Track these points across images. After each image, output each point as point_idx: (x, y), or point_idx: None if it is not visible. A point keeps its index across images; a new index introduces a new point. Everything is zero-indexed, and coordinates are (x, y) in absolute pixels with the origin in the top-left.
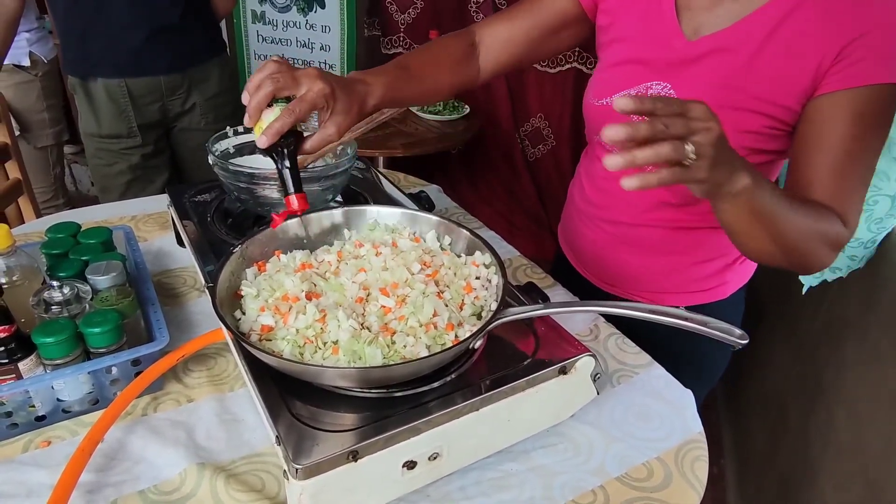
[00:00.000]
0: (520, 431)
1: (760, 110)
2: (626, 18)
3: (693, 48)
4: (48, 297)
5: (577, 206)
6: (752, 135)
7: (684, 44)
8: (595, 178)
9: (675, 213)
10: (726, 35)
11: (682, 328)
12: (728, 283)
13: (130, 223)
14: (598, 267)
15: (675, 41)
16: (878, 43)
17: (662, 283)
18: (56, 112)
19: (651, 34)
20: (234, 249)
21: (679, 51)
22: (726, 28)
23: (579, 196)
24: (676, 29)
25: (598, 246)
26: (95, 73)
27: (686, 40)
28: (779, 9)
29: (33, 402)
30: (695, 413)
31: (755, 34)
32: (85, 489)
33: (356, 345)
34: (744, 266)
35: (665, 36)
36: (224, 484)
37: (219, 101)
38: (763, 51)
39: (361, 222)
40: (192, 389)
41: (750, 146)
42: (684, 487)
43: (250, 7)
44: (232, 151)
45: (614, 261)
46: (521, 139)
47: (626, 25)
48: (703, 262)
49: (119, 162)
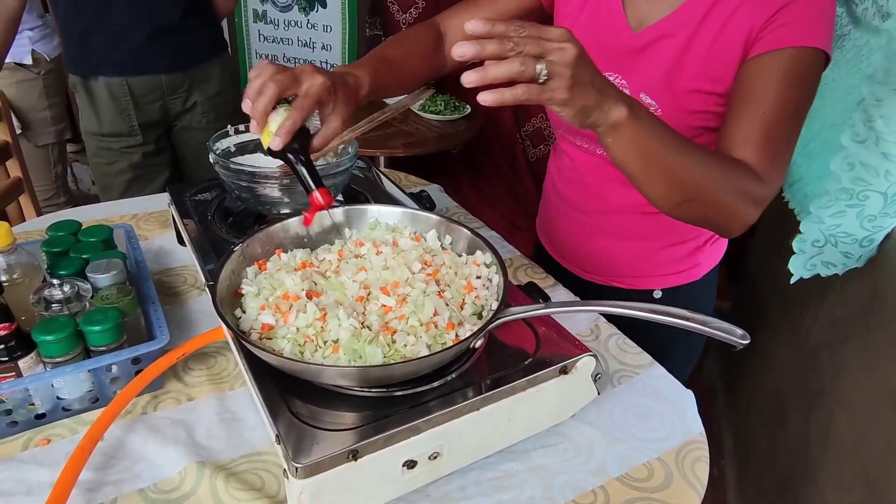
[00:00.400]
0: (520, 431)
1: (705, 89)
2: (577, 13)
3: (638, 39)
4: (48, 295)
5: (551, 200)
6: (701, 114)
7: (630, 35)
8: (563, 170)
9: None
10: (667, 22)
11: (683, 328)
12: (701, 265)
13: (131, 222)
14: (576, 255)
15: (622, 34)
16: (801, 9)
17: (637, 267)
18: (58, 110)
19: (600, 28)
20: (235, 248)
21: (626, 42)
22: (667, 16)
23: (552, 190)
24: (623, 22)
25: (573, 235)
26: (96, 71)
27: (632, 32)
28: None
29: (33, 400)
30: (695, 414)
31: (693, 17)
32: (85, 487)
33: (356, 343)
34: (714, 247)
35: (613, 30)
36: (224, 483)
37: (220, 100)
38: (700, 31)
39: (362, 221)
40: (192, 388)
41: (701, 125)
42: (685, 488)
43: (252, 6)
44: (233, 150)
45: (590, 248)
46: (523, 139)
47: (578, 20)
48: (675, 245)
49: (120, 160)
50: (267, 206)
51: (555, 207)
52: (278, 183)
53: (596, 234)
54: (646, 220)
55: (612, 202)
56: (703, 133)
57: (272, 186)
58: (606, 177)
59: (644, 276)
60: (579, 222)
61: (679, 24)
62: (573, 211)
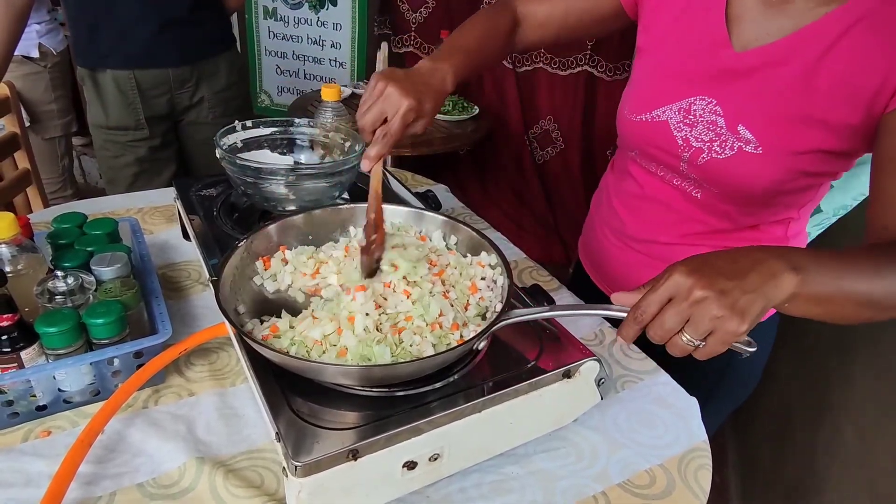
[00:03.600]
0: (522, 434)
1: (815, 126)
2: (670, 23)
3: (741, 61)
4: (52, 287)
5: (604, 222)
6: (808, 155)
7: (731, 55)
8: (625, 195)
9: (726, 238)
10: (778, 48)
11: None
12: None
13: (137, 215)
14: (623, 286)
15: (721, 51)
16: None
17: None
18: (64, 103)
19: (695, 43)
20: (240, 243)
21: (725, 61)
22: (779, 40)
23: (607, 212)
24: (725, 39)
25: (624, 265)
26: (105, 64)
27: (733, 51)
28: (837, 24)
29: (34, 392)
30: (699, 422)
31: (812, 47)
32: (84, 480)
33: (365, 348)
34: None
35: (711, 46)
36: (223, 479)
37: (227, 95)
38: (820, 66)
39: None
40: (193, 383)
41: (799, 168)
42: (687, 495)
43: (262, 3)
44: (239, 146)
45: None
46: (530, 141)
47: (670, 30)
48: None
49: (126, 154)
50: (272, 203)
51: (605, 230)
52: (284, 179)
53: (649, 266)
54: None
55: (677, 234)
56: (799, 177)
57: (278, 183)
58: (677, 207)
59: None
60: (634, 251)
61: (793, 53)
62: (629, 239)
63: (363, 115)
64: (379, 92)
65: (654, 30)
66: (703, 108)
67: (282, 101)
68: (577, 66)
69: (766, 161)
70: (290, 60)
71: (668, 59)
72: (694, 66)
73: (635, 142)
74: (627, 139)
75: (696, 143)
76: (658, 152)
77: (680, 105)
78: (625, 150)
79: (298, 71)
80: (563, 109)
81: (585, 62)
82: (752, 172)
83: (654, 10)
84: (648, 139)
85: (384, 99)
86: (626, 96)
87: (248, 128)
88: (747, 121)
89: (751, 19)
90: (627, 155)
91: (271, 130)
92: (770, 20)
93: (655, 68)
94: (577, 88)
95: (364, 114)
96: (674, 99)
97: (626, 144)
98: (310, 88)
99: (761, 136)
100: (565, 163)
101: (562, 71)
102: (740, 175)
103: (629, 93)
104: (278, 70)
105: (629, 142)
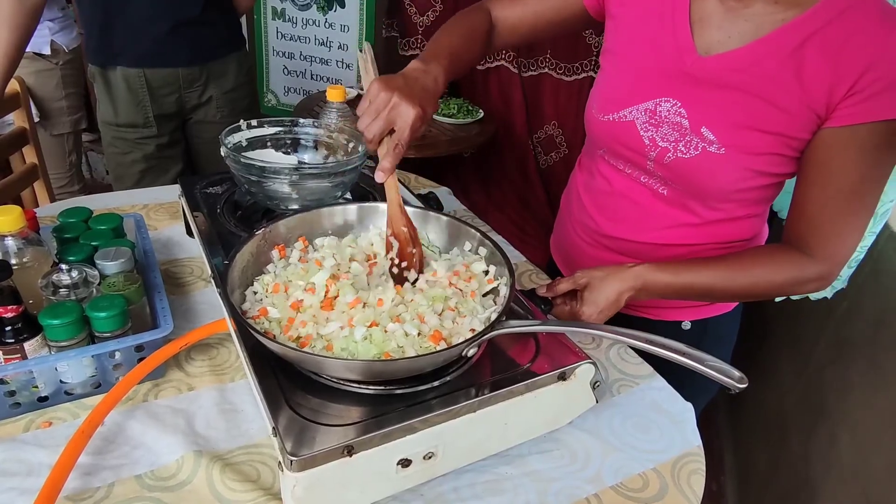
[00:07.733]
0: (516, 435)
1: (772, 134)
2: (636, 25)
3: (705, 65)
4: (56, 280)
5: (575, 220)
6: (765, 157)
7: (696, 59)
8: (595, 192)
9: (693, 232)
10: (740, 55)
11: (678, 363)
12: None
13: (142, 212)
14: None
15: (686, 56)
16: (887, 78)
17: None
18: (75, 100)
19: (661, 45)
20: (257, 232)
21: (689, 66)
22: (741, 48)
23: (577, 210)
24: (689, 43)
25: (596, 261)
26: (116, 62)
27: (698, 56)
28: (793, 36)
29: (37, 383)
30: (694, 427)
31: (770, 57)
32: (83, 471)
33: (352, 344)
34: None
35: (676, 49)
36: (220, 473)
37: (235, 95)
38: (779, 76)
39: (374, 220)
40: (193, 378)
41: (759, 169)
42: (679, 500)
43: (271, 3)
44: (244, 145)
45: None
46: (535, 146)
47: (636, 32)
48: None
49: (134, 151)
50: (275, 201)
51: (577, 228)
52: (287, 179)
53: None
54: (680, 250)
55: (655, 234)
56: (757, 175)
57: (281, 182)
58: (645, 203)
59: (673, 308)
60: (606, 249)
61: (753, 62)
62: (601, 236)
63: (368, 125)
64: (384, 102)
65: (620, 31)
66: (668, 109)
67: (288, 101)
68: (581, 72)
69: (729, 161)
70: (298, 61)
71: (635, 60)
72: (660, 68)
73: (604, 140)
74: (596, 138)
75: (662, 143)
76: (626, 151)
77: (646, 106)
78: (594, 148)
79: (305, 72)
80: (568, 115)
81: (590, 68)
82: (715, 171)
83: (620, 12)
84: (616, 138)
85: (391, 109)
86: (593, 95)
87: (253, 127)
88: (710, 123)
89: (713, 23)
90: (596, 153)
91: (276, 130)
92: (731, 24)
93: (622, 69)
94: (581, 94)
95: (370, 124)
96: (640, 100)
97: (595, 143)
98: (316, 89)
99: (723, 138)
100: (569, 168)
101: (567, 76)
102: (705, 174)
103: (597, 92)
104: (285, 70)
105: (597, 140)
